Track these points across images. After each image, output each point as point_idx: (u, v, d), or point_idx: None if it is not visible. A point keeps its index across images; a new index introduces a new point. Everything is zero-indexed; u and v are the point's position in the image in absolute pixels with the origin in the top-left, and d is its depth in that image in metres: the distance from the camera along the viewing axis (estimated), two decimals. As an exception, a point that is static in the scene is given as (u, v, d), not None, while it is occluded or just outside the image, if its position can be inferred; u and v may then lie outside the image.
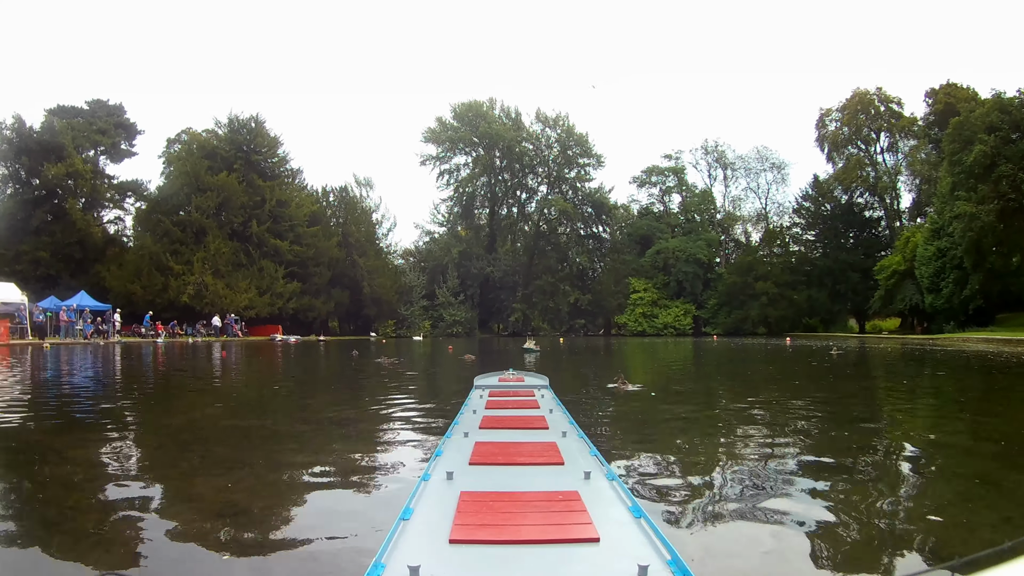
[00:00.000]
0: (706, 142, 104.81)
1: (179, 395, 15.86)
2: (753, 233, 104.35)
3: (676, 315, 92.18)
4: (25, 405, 12.69)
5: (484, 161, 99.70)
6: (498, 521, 3.31)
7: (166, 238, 68.72)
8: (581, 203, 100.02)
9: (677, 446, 8.31)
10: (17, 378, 19.50)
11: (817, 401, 13.29)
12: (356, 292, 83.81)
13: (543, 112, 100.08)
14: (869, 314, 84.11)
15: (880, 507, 5.48)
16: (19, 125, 67.83)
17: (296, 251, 75.45)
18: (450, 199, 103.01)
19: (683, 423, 10.27)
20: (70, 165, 67.56)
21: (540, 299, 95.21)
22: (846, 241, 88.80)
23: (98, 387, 17.30)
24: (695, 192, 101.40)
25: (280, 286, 73.04)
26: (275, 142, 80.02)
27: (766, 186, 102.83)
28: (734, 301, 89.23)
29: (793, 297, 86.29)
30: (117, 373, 22.14)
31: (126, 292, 65.01)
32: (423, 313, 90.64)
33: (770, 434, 9.20)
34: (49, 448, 8.34)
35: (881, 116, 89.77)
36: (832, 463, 7.10)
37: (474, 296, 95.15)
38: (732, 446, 8.40)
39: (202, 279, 66.96)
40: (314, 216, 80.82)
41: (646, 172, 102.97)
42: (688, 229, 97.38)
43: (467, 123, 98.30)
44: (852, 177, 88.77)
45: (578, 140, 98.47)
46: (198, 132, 78.75)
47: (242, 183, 73.08)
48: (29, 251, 65.58)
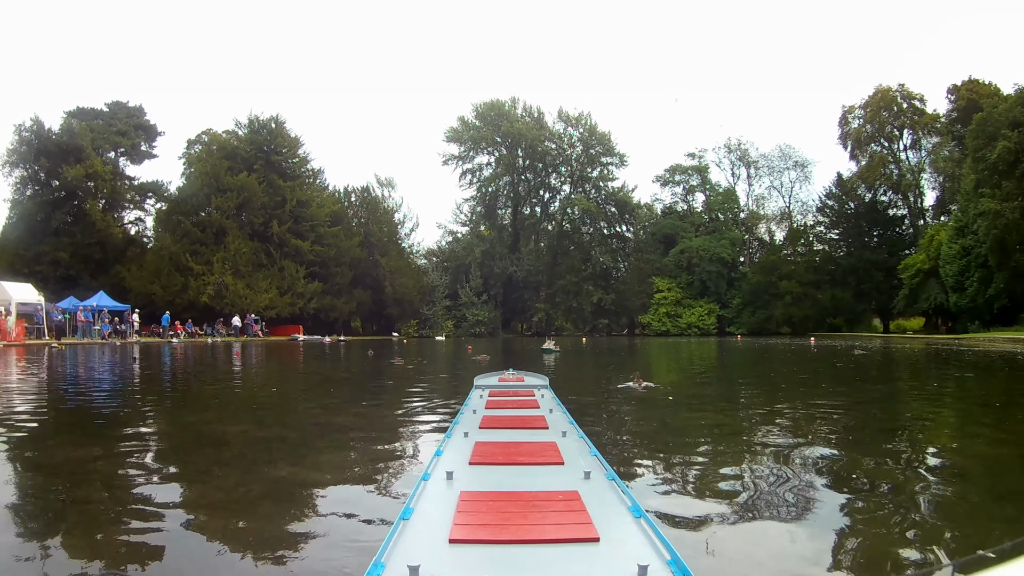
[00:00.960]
0: (729, 140, 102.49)
1: (180, 395, 15.48)
2: (777, 232, 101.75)
3: (700, 315, 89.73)
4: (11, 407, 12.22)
5: (507, 160, 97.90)
6: (498, 521, 3.25)
7: (186, 238, 67.78)
8: (604, 202, 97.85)
9: (679, 446, 8.09)
10: (16, 379, 19.24)
11: (839, 404, 12.36)
12: (378, 292, 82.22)
13: (565, 111, 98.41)
14: (893, 314, 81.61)
15: (887, 514, 5.13)
16: (37, 127, 67.18)
17: (317, 251, 74.31)
18: (473, 199, 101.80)
19: (694, 425, 10.00)
20: (89, 166, 67.13)
21: (563, 299, 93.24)
22: (870, 240, 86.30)
23: (98, 387, 16.77)
24: (718, 191, 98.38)
25: (301, 286, 71.90)
26: (295, 142, 78.78)
27: (789, 184, 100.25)
28: (758, 301, 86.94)
29: (817, 296, 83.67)
30: (121, 374, 21.29)
31: (146, 292, 64.41)
32: (446, 313, 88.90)
33: (781, 436, 8.80)
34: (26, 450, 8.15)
35: (904, 113, 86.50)
36: (841, 466, 6.84)
37: (497, 296, 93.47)
38: (737, 447, 8.11)
39: (222, 279, 66.13)
40: (335, 216, 79.67)
41: (669, 171, 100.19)
42: (712, 228, 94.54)
43: (489, 123, 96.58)
44: (876, 175, 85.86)
45: (600, 139, 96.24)
46: (218, 133, 78.19)
47: (262, 183, 72.15)
48: (49, 252, 64.99)
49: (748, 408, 12.25)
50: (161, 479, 6.41)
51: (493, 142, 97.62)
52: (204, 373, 22.66)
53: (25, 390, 15.79)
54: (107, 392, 15.55)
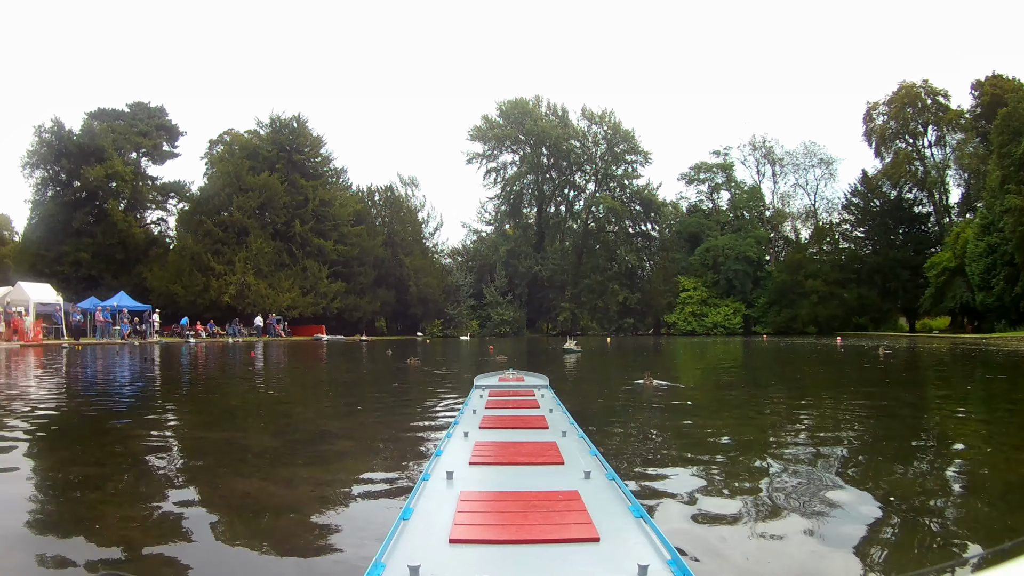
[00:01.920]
0: (754, 138, 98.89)
1: (182, 396, 15.14)
2: (802, 230, 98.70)
3: (726, 314, 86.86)
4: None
5: (531, 159, 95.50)
6: (498, 521, 3.24)
7: (207, 238, 66.52)
8: (629, 200, 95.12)
9: (681, 446, 8.04)
10: (18, 379, 19.09)
11: (861, 407, 12.04)
12: (402, 292, 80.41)
13: (589, 109, 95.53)
14: (919, 313, 79.80)
15: (892, 518, 4.99)
16: (58, 128, 66.29)
17: (340, 250, 72.54)
18: (497, 197, 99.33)
19: (699, 425, 9.84)
20: (110, 167, 66.23)
21: (589, 298, 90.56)
22: (896, 238, 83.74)
23: (100, 387, 16.62)
24: (743, 189, 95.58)
25: (324, 286, 70.15)
26: (318, 142, 77.16)
27: (815, 182, 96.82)
28: (784, 300, 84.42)
29: (843, 295, 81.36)
30: (128, 374, 20.86)
31: (168, 292, 63.57)
32: (471, 312, 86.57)
33: (791, 438, 8.65)
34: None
35: (928, 109, 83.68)
36: (851, 470, 6.69)
37: (522, 295, 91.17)
38: (742, 448, 7.93)
39: (244, 279, 64.53)
40: (359, 215, 77.95)
41: (694, 169, 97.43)
42: (737, 226, 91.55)
43: (513, 121, 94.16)
44: (900, 172, 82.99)
45: (625, 136, 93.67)
46: (240, 133, 77.08)
47: (284, 183, 70.56)
48: (70, 252, 64.50)
49: (762, 410, 11.73)
50: (158, 480, 6.32)
51: (517, 140, 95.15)
52: (211, 374, 21.97)
53: (21, 391, 15.36)
54: (106, 393, 14.99)
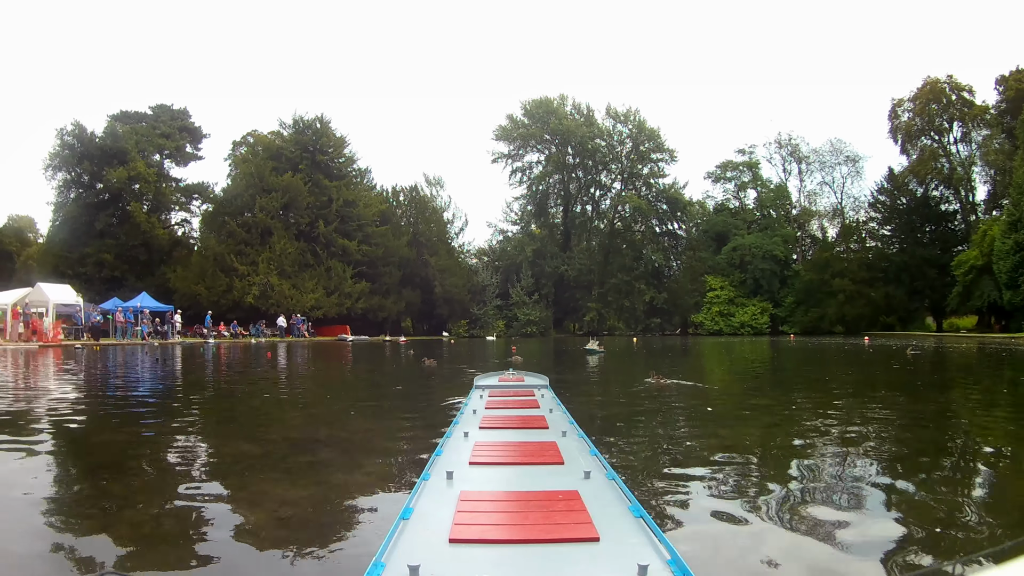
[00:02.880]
0: (779, 135, 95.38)
1: (179, 397, 14.75)
2: (829, 229, 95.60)
3: (753, 314, 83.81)
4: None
5: (556, 158, 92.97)
6: (498, 521, 3.22)
7: (231, 239, 65.52)
8: (655, 199, 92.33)
9: (682, 446, 7.98)
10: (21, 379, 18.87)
11: (888, 411, 11.26)
12: (428, 292, 78.47)
13: (614, 107, 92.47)
14: (946, 312, 77.20)
15: (897, 522, 4.83)
16: (79, 131, 65.97)
17: (365, 251, 70.74)
18: (523, 197, 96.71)
19: (705, 425, 9.65)
20: (132, 169, 65.66)
21: (615, 298, 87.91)
22: (923, 236, 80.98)
23: (87, 389, 16.07)
24: (770, 187, 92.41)
25: (348, 286, 68.38)
26: (341, 142, 75.44)
27: (841, 180, 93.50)
28: (811, 299, 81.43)
29: (871, 295, 78.45)
30: (131, 376, 20.16)
31: (191, 293, 62.61)
32: (497, 313, 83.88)
33: (797, 441, 8.29)
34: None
35: (953, 105, 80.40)
36: (859, 474, 6.41)
37: (548, 296, 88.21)
38: (745, 449, 7.75)
39: (267, 279, 63.16)
40: (383, 215, 76.22)
41: (720, 167, 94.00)
42: (764, 225, 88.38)
43: (538, 120, 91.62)
44: (927, 169, 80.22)
45: (650, 135, 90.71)
46: (263, 134, 75.53)
47: (308, 183, 69.22)
48: (93, 253, 64.25)
49: (780, 412, 11.41)
50: (157, 479, 6.36)
51: (542, 139, 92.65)
52: (218, 374, 21.50)
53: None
54: (95, 395, 14.66)
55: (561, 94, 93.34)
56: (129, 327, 49.20)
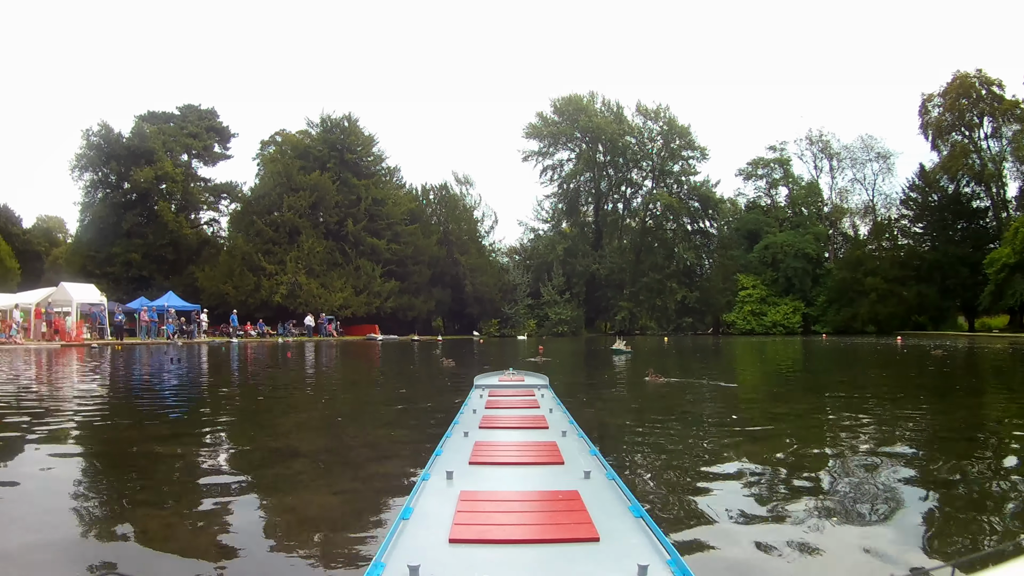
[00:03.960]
0: (810, 132, 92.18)
1: (183, 395, 13.85)
2: (861, 226, 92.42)
3: (785, 313, 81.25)
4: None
5: (587, 156, 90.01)
6: (498, 521, 3.14)
7: (259, 238, 63.80)
8: (687, 197, 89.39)
9: (682, 446, 7.62)
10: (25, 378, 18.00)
11: (917, 416, 10.24)
12: (458, 291, 76.30)
13: (644, 104, 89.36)
14: (978, 311, 73.92)
15: (900, 523, 4.62)
16: (106, 131, 64.85)
17: (394, 249, 68.62)
18: (554, 195, 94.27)
19: (709, 427, 9.15)
20: (160, 168, 64.29)
21: (647, 297, 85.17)
22: (954, 233, 77.31)
23: (88, 388, 14.95)
24: (801, 184, 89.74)
25: (377, 285, 66.29)
26: (369, 140, 73.33)
27: (872, 177, 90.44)
28: (843, 298, 78.44)
29: (903, 293, 75.24)
30: (140, 375, 19.13)
31: (219, 292, 60.96)
32: (528, 312, 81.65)
33: (802, 443, 7.79)
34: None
35: (983, 100, 76.60)
36: (862, 475, 6.16)
37: (580, 294, 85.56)
38: (747, 450, 7.29)
39: (295, 278, 61.06)
40: (413, 214, 74.12)
41: (751, 164, 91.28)
42: (796, 223, 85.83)
43: (568, 117, 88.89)
44: (957, 165, 76.43)
45: (681, 132, 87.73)
46: (292, 133, 73.74)
47: (336, 182, 67.43)
48: (121, 253, 63.04)
49: (796, 414, 10.67)
50: (155, 479, 6.04)
51: (573, 137, 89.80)
52: (230, 374, 20.57)
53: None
54: (94, 394, 13.56)
55: (591, 91, 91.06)
56: (153, 326, 47.59)
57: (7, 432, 8.29)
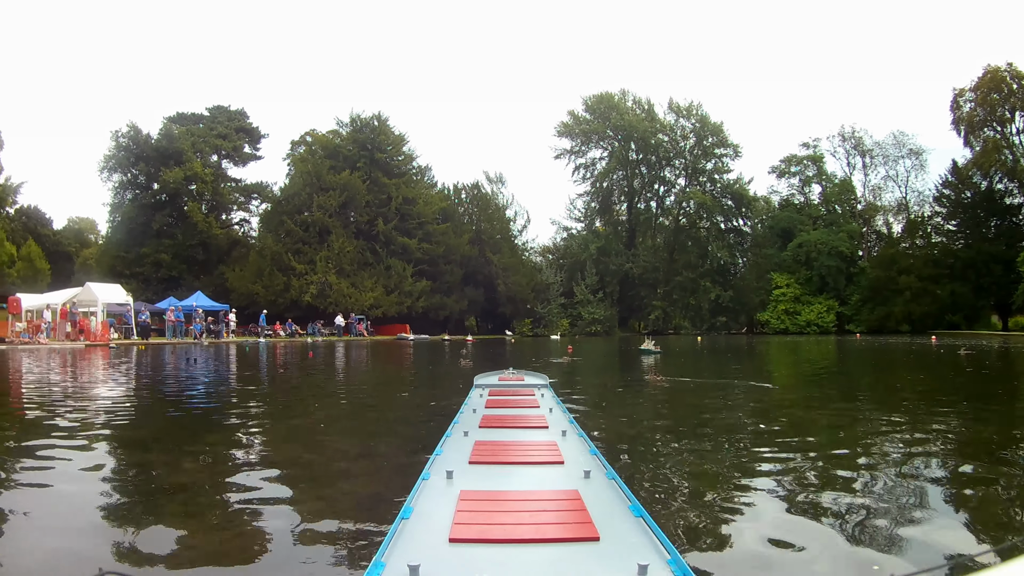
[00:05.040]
0: (843, 128, 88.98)
1: (184, 396, 12.93)
2: (894, 224, 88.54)
3: (819, 312, 77.87)
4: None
5: (619, 154, 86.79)
6: (498, 520, 3.09)
7: (288, 238, 61.85)
8: (720, 195, 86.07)
9: (682, 447, 7.47)
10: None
11: (944, 418, 9.55)
12: (491, 290, 73.35)
13: (675, 101, 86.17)
14: (1012, 309, 71.54)
15: (901, 522, 4.50)
16: (134, 133, 63.58)
17: (425, 249, 65.96)
18: (587, 194, 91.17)
19: (715, 429, 8.72)
20: (189, 169, 62.35)
21: (681, 296, 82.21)
22: (987, 231, 74.18)
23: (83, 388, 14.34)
24: (834, 181, 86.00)
25: (409, 284, 63.71)
26: (400, 140, 70.67)
27: (905, 174, 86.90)
28: (877, 297, 75.25)
29: (936, 292, 72.03)
30: (148, 375, 18.20)
31: (248, 292, 59.22)
32: (561, 311, 78.63)
33: (806, 445, 7.48)
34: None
35: (1015, 94, 72.82)
36: (864, 475, 5.97)
37: (613, 294, 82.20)
38: (748, 451, 7.15)
39: (325, 278, 58.98)
40: (444, 213, 71.67)
41: (784, 161, 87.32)
42: (829, 221, 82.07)
43: (599, 116, 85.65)
44: (990, 161, 72.46)
45: (713, 130, 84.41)
46: (322, 133, 71.17)
47: (366, 181, 65.26)
48: (150, 253, 61.52)
49: (812, 416, 10.14)
50: (154, 477, 5.98)
51: (605, 135, 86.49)
52: (243, 375, 19.42)
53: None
54: (88, 396, 12.74)
55: (622, 89, 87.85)
56: (180, 326, 45.89)
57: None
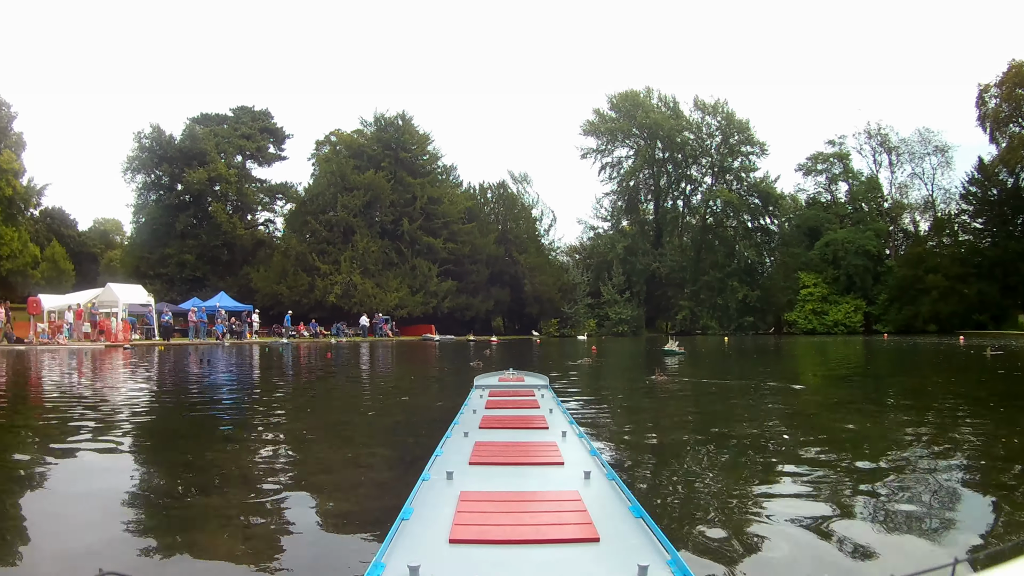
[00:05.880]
0: (868, 125, 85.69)
1: (186, 396, 12.82)
2: (921, 222, 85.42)
3: (846, 312, 75.26)
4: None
5: (645, 152, 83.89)
6: (498, 521, 3.01)
7: (313, 238, 60.60)
8: (747, 194, 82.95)
9: (681, 446, 7.32)
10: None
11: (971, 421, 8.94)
12: (517, 290, 71.00)
13: (701, 99, 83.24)
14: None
15: (902, 520, 4.43)
16: (157, 134, 61.65)
17: (451, 248, 63.96)
18: (613, 193, 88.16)
19: (719, 430, 8.33)
20: (213, 170, 60.68)
21: (708, 296, 79.32)
22: (1014, 228, 71.03)
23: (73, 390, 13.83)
24: (860, 179, 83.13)
25: (434, 284, 61.76)
26: (424, 139, 68.45)
27: (931, 171, 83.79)
28: (905, 296, 72.44)
29: (963, 291, 69.09)
30: (152, 378, 17.13)
31: (273, 293, 57.56)
32: (588, 312, 76.34)
33: (808, 447, 7.12)
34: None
35: (1040, 90, 69.56)
36: (857, 470, 5.87)
37: (640, 294, 79.76)
38: (749, 452, 6.82)
39: (350, 278, 57.07)
40: (470, 213, 69.36)
41: (811, 159, 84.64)
42: (856, 219, 79.50)
43: (625, 114, 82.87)
44: (1016, 158, 69.44)
45: (740, 127, 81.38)
46: (346, 133, 69.24)
47: (390, 181, 62.83)
48: (175, 254, 59.64)
49: (814, 418, 9.66)
50: (153, 478, 5.88)
51: (630, 133, 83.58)
52: (254, 376, 18.61)
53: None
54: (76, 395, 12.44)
55: (647, 87, 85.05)
56: (202, 327, 44.32)
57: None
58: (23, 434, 8.11)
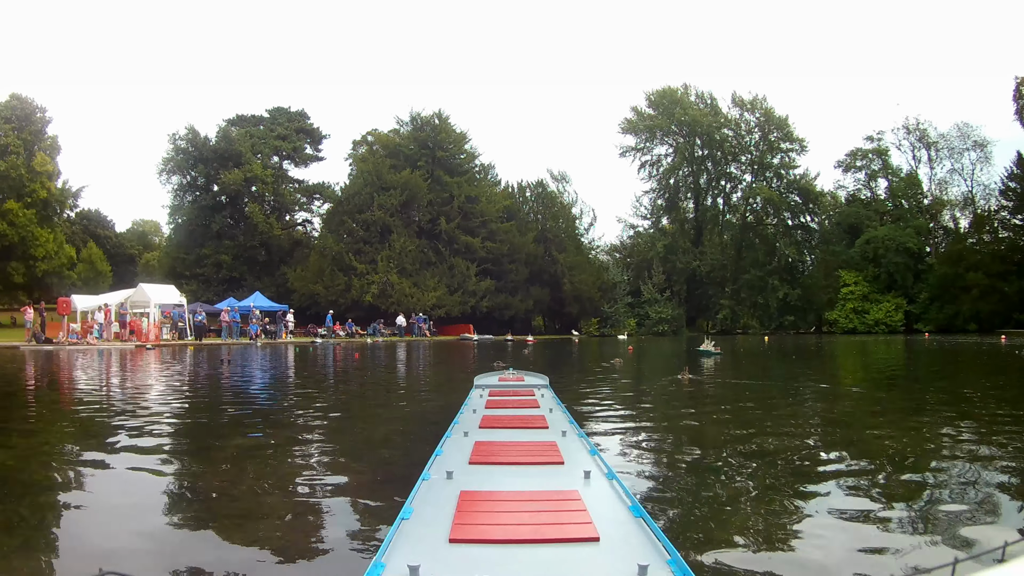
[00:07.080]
0: (907, 120, 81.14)
1: (188, 395, 12.63)
2: (961, 219, 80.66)
3: (887, 310, 71.10)
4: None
5: (684, 150, 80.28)
6: (498, 521, 3.00)
7: (350, 237, 58.71)
8: (787, 191, 79.10)
9: (681, 445, 7.35)
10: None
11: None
12: (556, 290, 67.66)
13: (739, 95, 79.31)
14: None
15: (886, 516, 4.50)
16: (192, 135, 61.30)
17: (489, 247, 61.29)
18: (653, 191, 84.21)
19: (723, 432, 8.22)
20: (248, 171, 59.30)
21: (748, 295, 75.28)
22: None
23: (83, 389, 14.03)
24: (900, 176, 79.18)
25: (472, 284, 59.36)
26: (461, 138, 65.70)
27: (970, 166, 79.15)
28: (945, 295, 68.53)
29: (1004, 289, 65.26)
30: (167, 377, 16.57)
31: (309, 293, 56.11)
32: (628, 311, 72.65)
33: (810, 449, 7.14)
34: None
35: (1077, 82, 64.29)
36: (866, 474, 5.77)
37: (680, 293, 76.06)
38: (749, 452, 6.85)
39: (387, 278, 54.70)
40: (508, 211, 66.75)
41: (849, 155, 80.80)
42: (896, 216, 75.61)
43: (663, 111, 79.18)
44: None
45: (779, 124, 77.48)
46: (383, 132, 66.81)
47: (428, 180, 60.60)
48: (211, 255, 59.31)
49: (820, 418, 9.63)
50: (151, 476, 5.67)
51: (669, 131, 79.92)
52: (267, 377, 17.62)
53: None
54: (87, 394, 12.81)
55: (684, 83, 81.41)
56: (236, 327, 42.78)
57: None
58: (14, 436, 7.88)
